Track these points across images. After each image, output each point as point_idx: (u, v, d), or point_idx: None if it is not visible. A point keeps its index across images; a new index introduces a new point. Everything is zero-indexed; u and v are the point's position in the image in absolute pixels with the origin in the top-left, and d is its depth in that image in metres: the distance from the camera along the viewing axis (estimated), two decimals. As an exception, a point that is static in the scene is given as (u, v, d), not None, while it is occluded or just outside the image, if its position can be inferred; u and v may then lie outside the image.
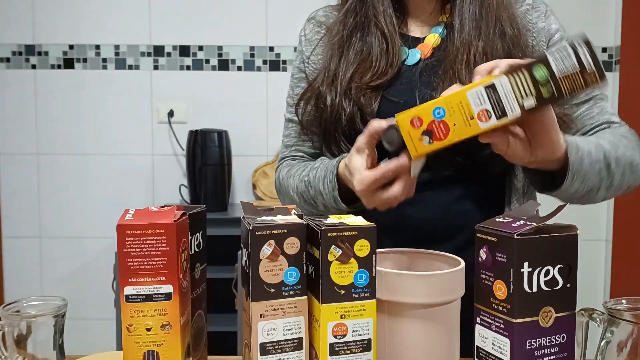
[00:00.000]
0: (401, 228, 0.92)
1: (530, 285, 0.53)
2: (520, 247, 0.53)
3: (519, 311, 0.53)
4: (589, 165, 0.80)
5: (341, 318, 0.56)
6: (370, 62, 0.91)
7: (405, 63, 0.93)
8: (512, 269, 0.53)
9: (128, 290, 0.54)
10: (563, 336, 0.55)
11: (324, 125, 0.93)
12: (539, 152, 0.72)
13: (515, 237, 0.53)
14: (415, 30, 0.96)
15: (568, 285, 0.55)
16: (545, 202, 0.82)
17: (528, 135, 0.71)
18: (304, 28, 1.06)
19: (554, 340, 0.55)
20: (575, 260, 0.55)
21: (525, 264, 0.53)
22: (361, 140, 0.77)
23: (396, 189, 0.75)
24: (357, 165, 0.77)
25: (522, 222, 0.56)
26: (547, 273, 0.54)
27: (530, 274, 0.53)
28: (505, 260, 0.53)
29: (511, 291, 0.53)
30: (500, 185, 0.94)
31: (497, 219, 0.58)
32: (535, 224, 0.55)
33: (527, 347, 0.54)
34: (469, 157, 0.88)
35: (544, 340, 0.54)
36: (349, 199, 0.88)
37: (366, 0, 0.93)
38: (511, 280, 0.53)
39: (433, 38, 0.93)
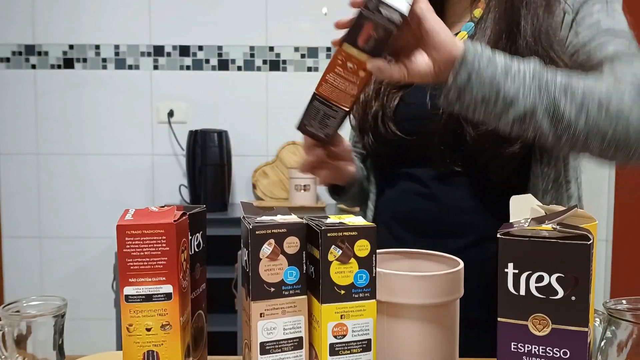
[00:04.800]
0: (416, 221, 0.95)
1: (516, 288, 0.52)
2: (503, 247, 0.52)
3: (501, 311, 0.53)
4: (500, 72, 0.73)
5: (341, 318, 0.56)
6: None
7: None
8: (497, 267, 0.53)
9: (128, 290, 0.54)
10: (565, 352, 0.51)
11: (357, 122, 1.01)
12: (435, 55, 0.73)
13: (498, 235, 0.52)
14: (449, 26, 0.96)
15: (573, 298, 0.50)
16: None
17: (422, 46, 0.74)
18: None
19: (549, 352, 0.52)
20: (585, 273, 0.50)
21: (510, 265, 0.52)
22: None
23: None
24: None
25: (523, 221, 0.55)
26: (540, 279, 0.51)
27: (516, 276, 0.52)
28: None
29: (497, 289, 0.53)
30: (520, 182, 0.91)
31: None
32: (535, 223, 0.54)
33: (513, 350, 0.53)
34: (468, 160, 0.90)
35: (535, 348, 0.52)
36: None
37: None
38: (497, 278, 0.53)
39: (461, 37, 0.93)
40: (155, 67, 2.44)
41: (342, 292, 0.56)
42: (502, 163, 0.88)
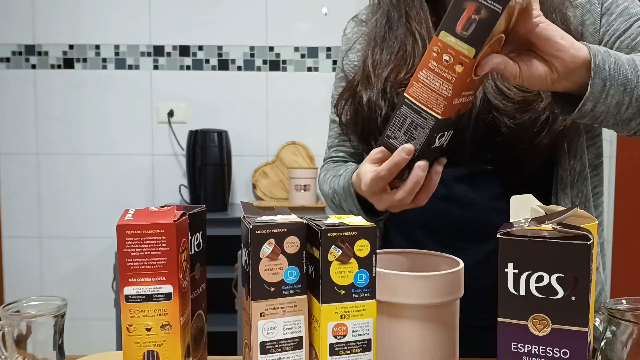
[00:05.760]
0: (441, 226, 0.91)
1: (516, 288, 0.52)
2: (503, 247, 0.52)
3: (501, 310, 0.53)
4: (631, 72, 0.68)
5: (341, 318, 0.56)
6: (404, 59, 0.89)
7: None
8: (497, 268, 0.53)
9: (128, 290, 0.54)
10: (565, 352, 0.51)
11: (361, 125, 0.90)
12: (555, 62, 0.65)
13: (498, 235, 0.52)
14: None
15: (573, 298, 0.51)
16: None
17: (536, 52, 0.66)
18: (346, 27, 1.04)
19: (550, 352, 0.52)
20: (585, 273, 0.50)
21: (510, 265, 0.52)
22: (375, 151, 0.75)
23: (398, 194, 0.73)
24: (365, 169, 0.76)
25: (523, 221, 0.55)
26: (540, 279, 0.51)
27: (516, 276, 0.52)
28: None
29: (497, 289, 0.53)
30: (545, 178, 0.88)
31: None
32: (535, 223, 0.54)
33: (513, 350, 0.53)
34: (500, 153, 0.85)
35: (535, 348, 0.52)
36: (372, 209, 0.88)
37: None
38: (497, 278, 0.53)
39: None
40: (155, 67, 2.44)
41: (342, 292, 0.56)
42: (534, 153, 0.83)
